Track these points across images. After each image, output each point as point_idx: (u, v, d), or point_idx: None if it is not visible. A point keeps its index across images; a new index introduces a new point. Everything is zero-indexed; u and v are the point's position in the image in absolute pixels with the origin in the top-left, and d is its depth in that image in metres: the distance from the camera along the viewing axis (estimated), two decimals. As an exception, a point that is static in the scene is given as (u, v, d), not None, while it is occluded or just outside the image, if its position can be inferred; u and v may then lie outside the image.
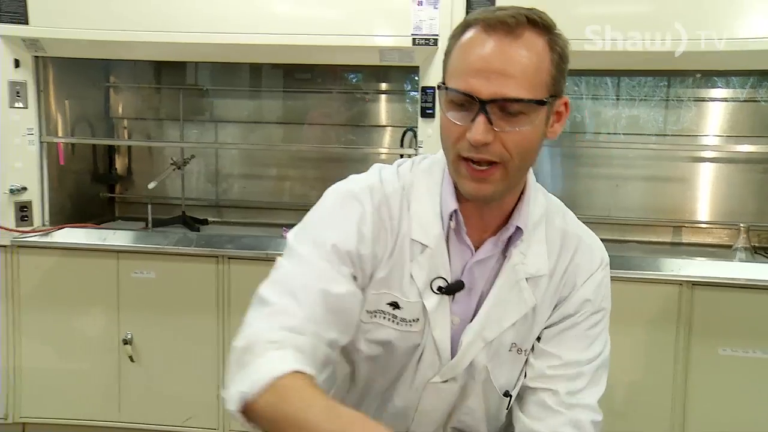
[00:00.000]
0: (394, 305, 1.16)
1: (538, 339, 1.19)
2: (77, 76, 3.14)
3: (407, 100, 3.38)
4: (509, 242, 1.16)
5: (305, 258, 1.10)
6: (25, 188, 2.85)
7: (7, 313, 2.90)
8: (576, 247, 1.19)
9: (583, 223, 1.27)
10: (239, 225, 3.29)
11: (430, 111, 2.62)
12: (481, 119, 1.02)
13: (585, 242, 1.20)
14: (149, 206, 3.08)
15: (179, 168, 3.15)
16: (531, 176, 1.18)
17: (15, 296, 2.90)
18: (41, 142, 2.90)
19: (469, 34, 1.06)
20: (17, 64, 2.78)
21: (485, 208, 1.15)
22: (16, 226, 2.85)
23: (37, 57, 2.82)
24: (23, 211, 2.87)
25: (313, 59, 2.84)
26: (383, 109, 3.38)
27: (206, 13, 2.65)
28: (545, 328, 1.19)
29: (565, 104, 1.12)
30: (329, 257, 1.09)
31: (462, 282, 1.15)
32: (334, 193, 1.17)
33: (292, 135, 3.38)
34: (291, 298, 1.05)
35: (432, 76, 2.61)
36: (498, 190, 1.08)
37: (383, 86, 3.38)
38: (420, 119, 2.66)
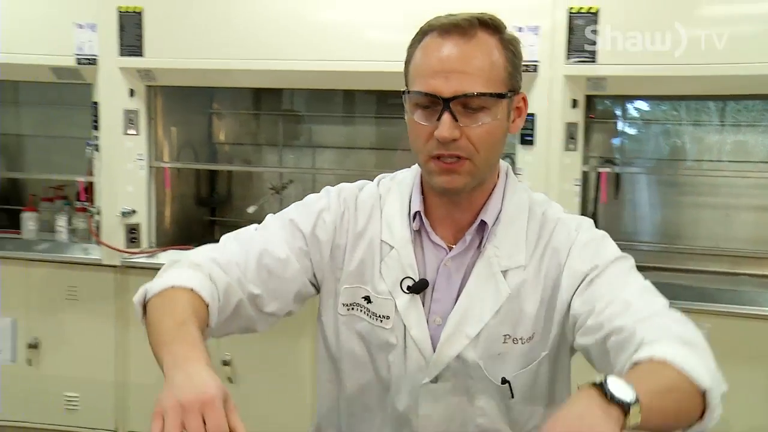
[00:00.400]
0: (367, 299, 1.22)
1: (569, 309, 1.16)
2: (183, 104, 3.27)
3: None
4: (483, 237, 1.19)
5: (264, 224, 1.26)
6: (134, 211, 2.99)
7: (116, 329, 3.04)
8: (552, 229, 1.20)
9: (689, 254, 1.29)
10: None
11: (529, 138, 2.60)
12: (446, 117, 1.09)
13: (562, 221, 1.21)
14: (248, 230, 3.15)
15: (277, 192, 3.23)
16: (503, 173, 1.23)
17: (124, 314, 3.03)
18: (150, 167, 3.03)
19: (427, 40, 1.14)
20: (132, 93, 2.93)
21: (455, 207, 1.20)
22: (126, 247, 2.99)
23: (149, 86, 2.97)
24: (132, 233, 3.01)
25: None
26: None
27: (303, 41, 2.73)
28: (572, 298, 1.16)
29: (524, 99, 1.19)
30: (284, 226, 1.23)
31: (426, 281, 1.19)
32: (308, 197, 1.30)
33: (386, 160, 3.41)
34: (235, 245, 1.21)
35: (532, 103, 2.57)
36: (468, 182, 1.14)
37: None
38: (519, 146, 2.64)
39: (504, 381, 1.18)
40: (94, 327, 3.06)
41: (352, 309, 1.23)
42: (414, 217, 1.21)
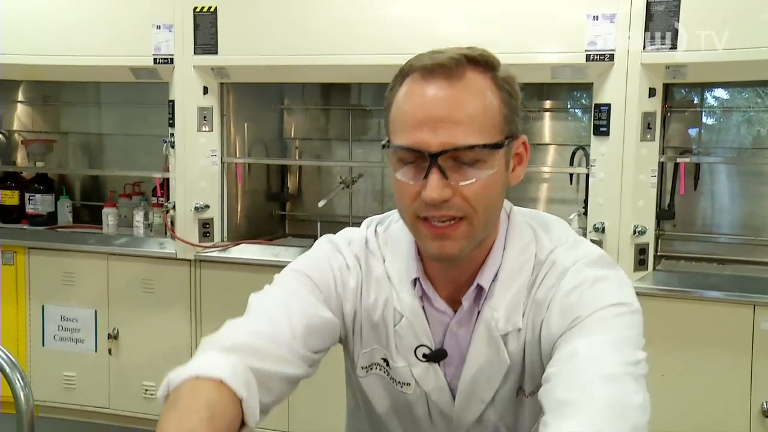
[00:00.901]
0: (385, 361, 1.13)
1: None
2: (254, 101, 3.33)
3: (569, 118, 3.29)
4: (481, 300, 1.07)
5: (283, 282, 1.12)
6: (207, 206, 3.05)
7: (191, 321, 3.12)
8: (541, 277, 1.05)
9: None
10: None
11: (604, 129, 2.53)
12: (434, 175, 0.94)
13: (555, 265, 1.05)
14: (318, 224, 3.19)
15: (347, 186, 3.25)
16: (504, 224, 1.09)
17: (197, 307, 3.11)
18: (222, 163, 3.10)
19: (408, 83, 0.98)
20: (206, 91, 2.99)
21: (452, 269, 1.06)
22: (199, 242, 3.06)
23: (222, 84, 3.03)
24: (205, 228, 3.08)
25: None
26: (546, 127, 3.31)
27: (372, 36, 2.73)
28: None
29: (524, 144, 1.04)
30: (305, 284, 1.10)
31: (444, 351, 1.09)
32: (318, 244, 1.16)
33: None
34: (261, 311, 1.07)
35: (607, 93, 2.52)
36: (464, 247, 1.00)
37: (547, 104, 3.32)
38: (593, 137, 2.58)
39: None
40: (169, 319, 3.14)
41: (372, 369, 1.15)
42: (414, 283, 1.09)
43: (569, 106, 3.29)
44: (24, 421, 0.80)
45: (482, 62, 0.98)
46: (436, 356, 1.09)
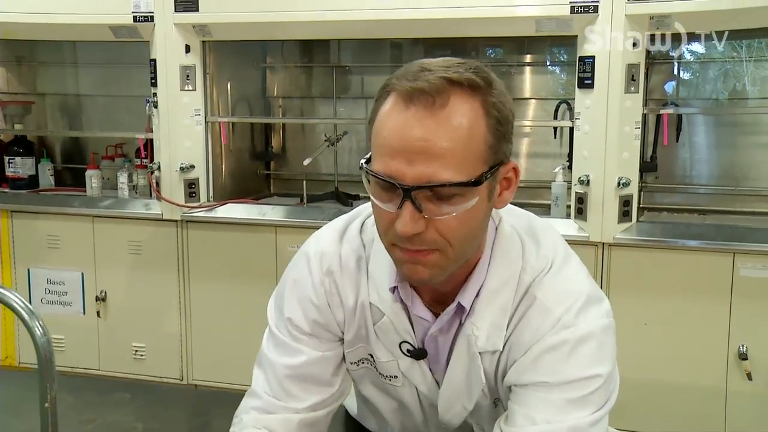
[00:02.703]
0: (372, 356, 1.15)
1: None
2: (237, 59, 3.29)
3: (550, 73, 3.31)
4: (462, 316, 1.06)
5: (273, 333, 1.16)
6: (192, 166, 3.04)
7: (179, 282, 3.13)
8: (526, 309, 1.03)
9: (753, 195, 1.13)
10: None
11: (589, 81, 2.55)
12: (407, 208, 0.90)
13: (539, 302, 1.02)
14: (304, 182, 3.20)
15: (332, 144, 3.24)
16: (491, 236, 1.06)
17: (184, 266, 3.11)
18: (207, 122, 3.07)
19: (388, 104, 0.92)
20: (188, 49, 2.96)
21: (434, 285, 1.04)
22: (185, 202, 3.05)
23: (204, 42, 2.99)
24: (191, 188, 3.07)
25: (468, 32, 2.83)
26: (528, 81, 3.32)
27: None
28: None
29: (514, 170, 0.99)
30: (290, 330, 1.13)
31: (425, 350, 1.10)
32: (295, 260, 1.17)
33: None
34: (262, 374, 1.15)
35: (591, 45, 2.53)
36: (436, 274, 0.97)
37: (528, 58, 3.32)
38: (577, 90, 2.60)
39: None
40: (157, 279, 3.15)
41: (361, 363, 1.18)
42: (393, 290, 1.08)
43: (549, 61, 3.31)
44: (44, 369, 0.81)
45: (467, 85, 0.91)
46: (418, 355, 1.11)
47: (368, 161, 0.95)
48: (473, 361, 1.07)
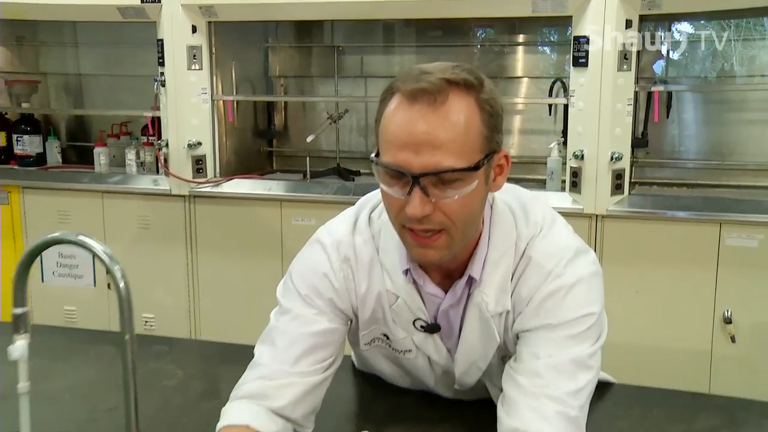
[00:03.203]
0: (386, 336, 1.27)
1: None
2: (240, 40, 3.38)
3: (540, 52, 3.42)
4: (471, 287, 1.19)
5: (285, 309, 1.22)
6: (200, 143, 3.14)
7: (187, 255, 3.23)
8: (522, 273, 1.17)
9: (740, 170, 1.23)
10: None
11: (583, 60, 2.66)
12: (416, 193, 1.03)
13: (534, 261, 1.17)
14: (307, 159, 3.30)
15: (335, 122, 3.34)
16: (488, 214, 1.19)
17: (192, 240, 3.22)
18: (213, 101, 3.17)
19: (393, 103, 1.06)
20: (194, 29, 3.04)
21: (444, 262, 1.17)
22: (193, 178, 3.15)
23: (209, 22, 3.07)
24: (198, 164, 3.16)
25: (465, 12, 2.92)
26: (521, 60, 3.43)
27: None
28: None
29: (506, 157, 1.12)
30: (305, 304, 1.21)
31: (438, 325, 1.23)
32: (309, 248, 1.27)
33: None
34: (270, 347, 1.20)
35: (585, 25, 2.64)
36: (444, 254, 1.10)
37: (520, 38, 3.43)
38: (572, 69, 2.71)
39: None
40: (166, 253, 3.25)
41: (374, 342, 1.30)
42: (406, 272, 1.20)
43: (540, 41, 3.41)
44: (125, 314, 0.93)
45: (463, 84, 1.04)
46: (432, 329, 1.23)
47: (377, 155, 1.08)
48: (486, 325, 1.20)
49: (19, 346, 1.02)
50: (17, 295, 1.02)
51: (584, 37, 2.66)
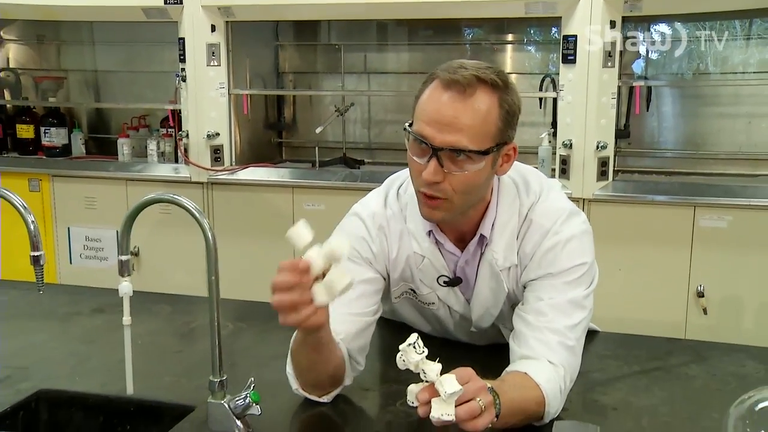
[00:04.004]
0: (413, 290, 1.50)
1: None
2: (253, 38, 3.63)
3: (526, 51, 3.69)
4: (483, 245, 1.42)
5: None
6: (218, 134, 3.39)
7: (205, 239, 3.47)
8: (525, 232, 1.40)
9: (713, 159, 1.47)
10: (392, 165, 3.73)
11: (571, 57, 2.94)
12: (432, 163, 1.24)
13: (535, 222, 1.39)
14: (316, 149, 3.57)
15: (341, 114, 3.60)
16: (495, 184, 1.40)
17: (211, 224, 3.46)
18: (230, 94, 3.42)
19: (432, 86, 1.26)
20: (213, 29, 3.30)
21: (457, 223, 1.40)
22: (211, 166, 3.41)
23: (227, 22, 3.33)
24: (216, 153, 3.42)
25: (462, 14, 3.19)
26: (509, 58, 3.70)
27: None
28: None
29: (514, 149, 1.32)
30: (352, 259, 1.40)
31: (459, 278, 1.46)
32: (348, 219, 1.48)
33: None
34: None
35: (574, 25, 2.91)
36: (445, 216, 1.32)
37: (510, 37, 3.70)
38: (561, 65, 2.98)
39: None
40: (185, 237, 3.48)
41: (403, 296, 1.53)
42: (429, 234, 1.42)
43: (527, 41, 3.68)
44: (212, 264, 1.20)
45: (490, 83, 1.24)
46: (454, 282, 1.46)
47: (410, 125, 1.29)
48: (497, 278, 1.43)
49: (125, 285, 1.27)
50: (122, 244, 1.28)
51: (572, 36, 2.93)
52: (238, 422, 1.20)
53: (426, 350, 1.08)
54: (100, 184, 3.55)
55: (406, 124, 1.30)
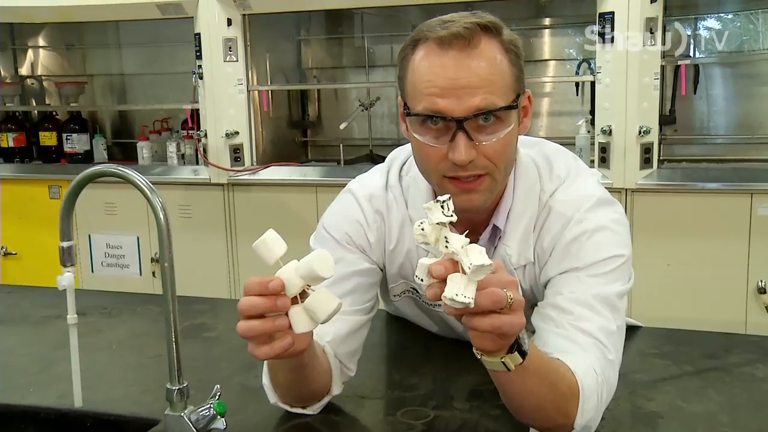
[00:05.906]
0: (415, 290, 1.30)
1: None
2: (273, 32, 3.50)
3: (566, 35, 3.46)
4: (496, 238, 1.21)
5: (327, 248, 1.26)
6: (237, 132, 3.25)
7: (227, 242, 3.35)
8: (545, 220, 1.18)
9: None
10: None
11: (609, 36, 2.70)
12: (461, 138, 1.02)
13: (555, 210, 1.18)
14: (341, 147, 3.40)
15: (366, 109, 3.44)
16: (515, 168, 1.19)
17: (232, 227, 3.34)
18: (248, 91, 3.28)
19: (422, 51, 1.05)
20: (229, 22, 3.17)
21: (472, 215, 1.17)
22: (231, 166, 3.27)
23: (244, 15, 3.20)
24: (236, 153, 3.28)
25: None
26: (546, 43, 3.48)
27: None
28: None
29: (529, 98, 1.13)
30: (344, 247, 1.22)
31: None
32: (341, 197, 1.29)
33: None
34: None
35: (610, 1, 2.68)
36: (488, 198, 1.11)
37: (547, 21, 3.48)
38: (598, 45, 2.75)
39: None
40: (206, 240, 3.37)
41: (404, 295, 1.33)
42: None
43: (565, 23, 3.45)
44: (163, 236, 1.03)
45: (492, 28, 1.05)
46: None
47: (409, 112, 1.06)
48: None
49: (67, 276, 1.10)
50: (63, 230, 1.11)
51: (609, 12, 2.70)
52: (201, 437, 1.03)
53: (455, 217, 0.85)
54: (121, 189, 3.42)
55: (404, 110, 1.08)
